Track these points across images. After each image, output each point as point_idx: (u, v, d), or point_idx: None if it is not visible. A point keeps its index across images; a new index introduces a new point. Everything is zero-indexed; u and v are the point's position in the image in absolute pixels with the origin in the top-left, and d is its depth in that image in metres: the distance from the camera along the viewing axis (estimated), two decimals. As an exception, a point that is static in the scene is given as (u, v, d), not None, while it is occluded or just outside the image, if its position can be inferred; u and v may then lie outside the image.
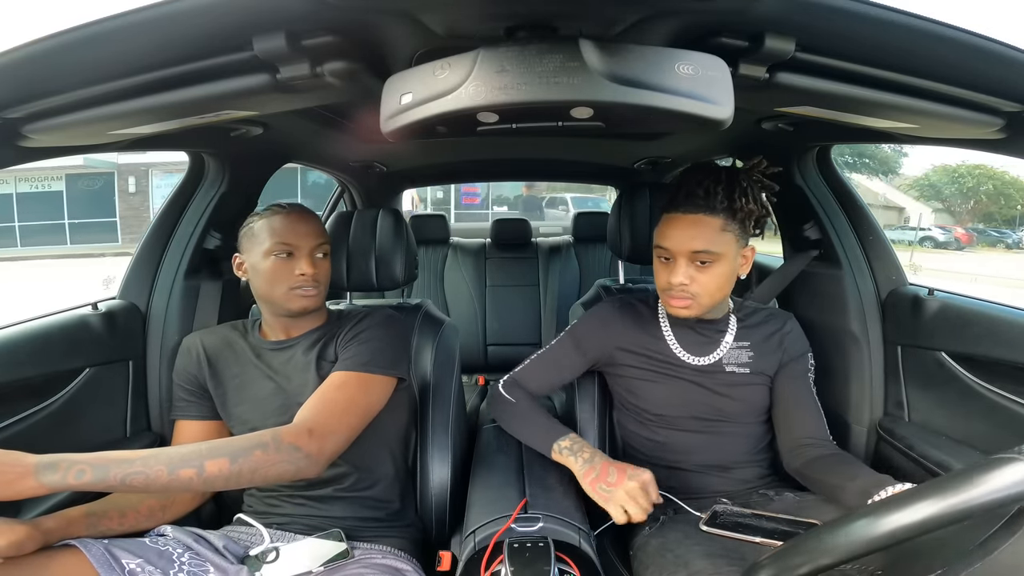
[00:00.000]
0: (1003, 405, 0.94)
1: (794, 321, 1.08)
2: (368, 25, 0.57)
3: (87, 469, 0.68)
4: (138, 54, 0.58)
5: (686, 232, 0.91)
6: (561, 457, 0.94)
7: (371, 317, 1.02)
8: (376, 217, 1.22)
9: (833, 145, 1.23)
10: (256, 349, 1.01)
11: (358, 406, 0.88)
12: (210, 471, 0.72)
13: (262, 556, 0.90)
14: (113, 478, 0.68)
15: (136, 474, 0.69)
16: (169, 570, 0.80)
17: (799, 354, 1.04)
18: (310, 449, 0.78)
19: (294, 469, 0.77)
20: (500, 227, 2.68)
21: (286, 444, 0.77)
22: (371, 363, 0.93)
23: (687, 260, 0.92)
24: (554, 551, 0.72)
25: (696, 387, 1.01)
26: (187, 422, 1.02)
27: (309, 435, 0.79)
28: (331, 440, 0.82)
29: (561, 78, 0.48)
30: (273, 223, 0.96)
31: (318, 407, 0.85)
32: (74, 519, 0.80)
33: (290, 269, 0.95)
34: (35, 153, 0.79)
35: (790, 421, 1.01)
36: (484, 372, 2.40)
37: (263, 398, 0.97)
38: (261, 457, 0.75)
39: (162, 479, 0.70)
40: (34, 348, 0.96)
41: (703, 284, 0.93)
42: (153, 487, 0.70)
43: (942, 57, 0.58)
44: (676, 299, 0.95)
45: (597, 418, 1.15)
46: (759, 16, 0.53)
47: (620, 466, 0.88)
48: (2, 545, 0.68)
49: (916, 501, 0.44)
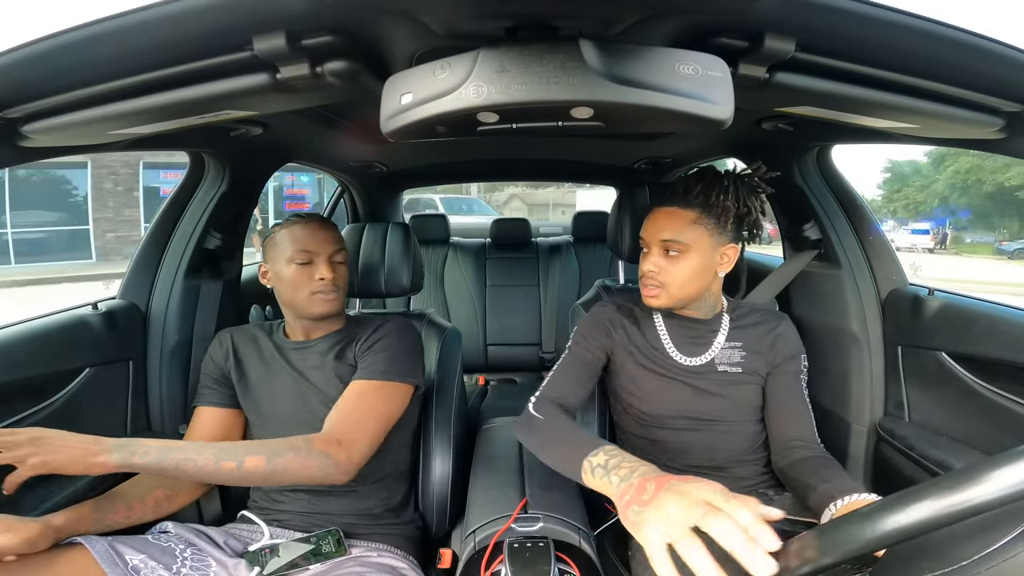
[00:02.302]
0: (1003, 405, 0.93)
1: (788, 323, 1.07)
2: (368, 25, 0.57)
3: (150, 451, 0.76)
4: (138, 54, 0.58)
5: (659, 223, 0.97)
6: (595, 482, 0.70)
7: (387, 326, 1.07)
8: (386, 230, 1.29)
9: (833, 145, 1.23)
10: (279, 347, 1.07)
11: (380, 414, 0.93)
12: (248, 466, 0.79)
13: (261, 552, 0.91)
14: (170, 461, 0.76)
15: (187, 460, 0.77)
16: (172, 565, 0.82)
17: (791, 355, 1.04)
18: (339, 458, 0.83)
19: (322, 475, 0.82)
20: (500, 227, 2.67)
21: (316, 450, 0.82)
22: (389, 371, 0.97)
23: (659, 249, 0.97)
24: (554, 551, 0.72)
25: (689, 387, 1.01)
26: (206, 408, 1.05)
27: (338, 445, 0.85)
28: (357, 449, 0.86)
29: (561, 78, 0.48)
30: (294, 232, 1.02)
31: (342, 416, 0.91)
32: (83, 514, 0.81)
33: (310, 274, 1.01)
34: (35, 153, 0.79)
35: (779, 422, 1.01)
36: (484, 372, 2.40)
37: (282, 391, 1.03)
38: (293, 459, 0.81)
39: (208, 467, 0.77)
40: (34, 348, 0.96)
41: (671, 274, 0.96)
42: (200, 474, 0.78)
43: (942, 57, 0.58)
44: (645, 288, 0.99)
45: (597, 418, 1.15)
46: (759, 16, 0.52)
47: (660, 480, 0.61)
48: (16, 543, 0.70)
49: (918, 500, 0.44)
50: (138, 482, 0.92)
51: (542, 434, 0.87)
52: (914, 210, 20.21)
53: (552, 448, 0.83)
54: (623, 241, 1.26)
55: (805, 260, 1.28)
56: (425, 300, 2.46)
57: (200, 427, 1.04)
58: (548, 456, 0.83)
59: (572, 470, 0.75)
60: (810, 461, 0.94)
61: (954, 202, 20.30)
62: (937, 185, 20.71)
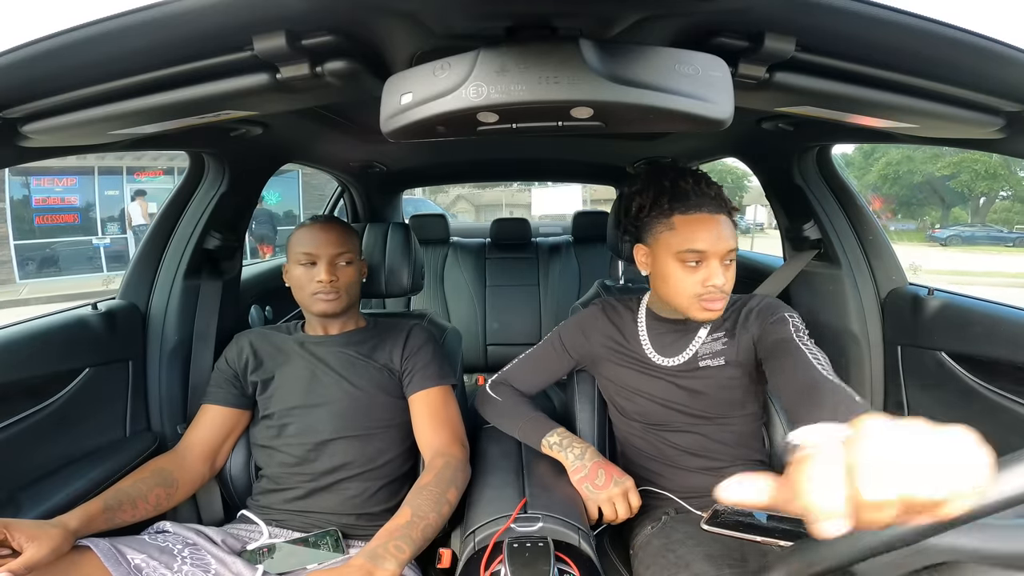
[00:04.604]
0: (1003, 405, 0.94)
1: (761, 296, 1.02)
2: (368, 25, 0.57)
3: (404, 547, 0.78)
4: (138, 54, 0.58)
5: (718, 231, 0.89)
6: (552, 452, 0.98)
7: (417, 333, 1.14)
8: (387, 230, 1.30)
9: (833, 145, 1.23)
10: (299, 340, 1.12)
11: (456, 410, 1.08)
12: (451, 498, 0.90)
13: (259, 551, 0.92)
14: (420, 539, 0.81)
15: (427, 527, 0.83)
16: (172, 564, 0.83)
17: (771, 315, 0.94)
18: (465, 456, 1.01)
19: (464, 475, 0.96)
20: (500, 227, 2.67)
21: (458, 460, 0.97)
22: (441, 375, 1.10)
23: (720, 260, 0.89)
24: (554, 551, 0.72)
25: (673, 387, 1.01)
26: (211, 406, 1.07)
27: (461, 446, 1.02)
28: (466, 442, 1.05)
29: (561, 78, 0.48)
30: (300, 234, 1.07)
31: (442, 424, 1.04)
32: (94, 515, 0.82)
33: (312, 276, 1.05)
34: (35, 153, 0.79)
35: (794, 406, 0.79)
36: (484, 372, 2.40)
37: (298, 377, 1.07)
38: (461, 475, 0.95)
39: (438, 521, 0.85)
40: (34, 348, 0.96)
41: (731, 281, 0.92)
42: (437, 530, 0.85)
43: (942, 57, 0.58)
44: (714, 301, 0.90)
45: (596, 419, 1.15)
46: (759, 16, 0.53)
47: (609, 470, 0.92)
48: (44, 553, 0.70)
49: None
50: (140, 480, 0.92)
51: (500, 413, 1.09)
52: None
53: (511, 423, 1.06)
54: (623, 241, 1.26)
55: (805, 260, 1.28)
56: (425, 300, 2.46)
57: (202, 424, 1.06)
58: (506, 428, 1.07)
59: (531, 440, 1.02)
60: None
61: (885, 192, 21.75)
62: (869, 176, 21.75)
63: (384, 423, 1.06)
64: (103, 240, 10.04)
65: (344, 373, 1.06)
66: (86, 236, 9.92)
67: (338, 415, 1.03)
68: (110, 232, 10.12)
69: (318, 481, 1.00)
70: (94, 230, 10.02)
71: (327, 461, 1.01)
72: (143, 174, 10.33)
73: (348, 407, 1.04)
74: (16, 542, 0.69)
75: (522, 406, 1.07)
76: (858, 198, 1.24)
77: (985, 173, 20.20)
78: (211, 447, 1.05)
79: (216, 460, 1.07)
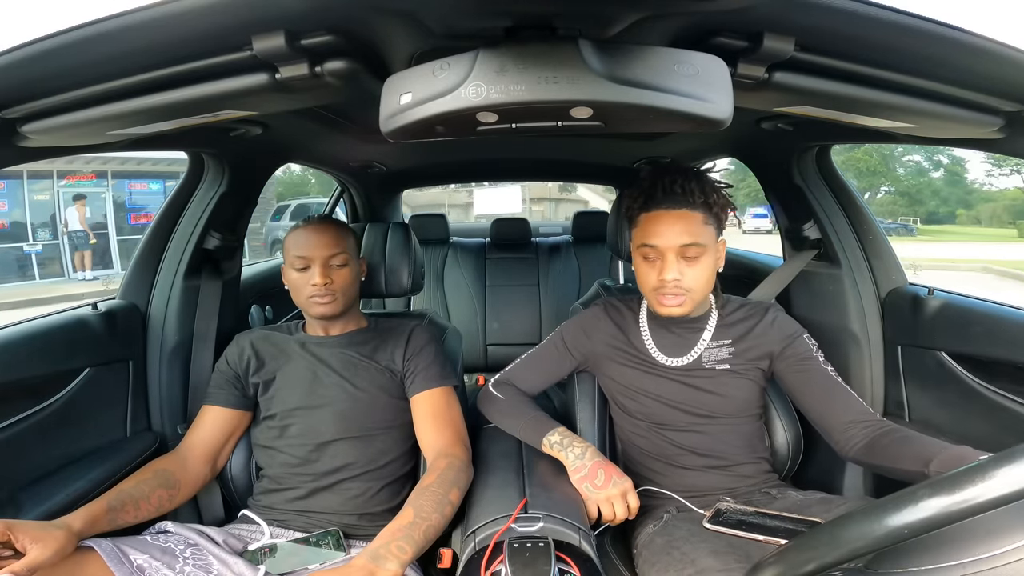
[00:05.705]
0: (1003, 405, 0.93)
1: (777, 309, 1.06)
2: (367, 25, 0.57)
3: (406, 548, 0.77)
4: (138, 54, 0.58)
5: (674, 227, 0.92)
6: (552, 451, 0.97)
7: (418, 334, 1.13)
8: (387, 230, 1.29)
9: (833, 145, 1.23)
10: (300, 341, 1.11)
11: (459, 411, 1.07)
12: (454, 499, 0.89)
13: (261, 551, 0.92)
14: (422, 540, 0.80)
15: (430, 528, 0.82)
16: (174, 564, 0.83)
17: (791, 338, 1.00)
18: (468, 456, 1.00)
19: (467, 476, 0.96)
20: (500, 227, 2.67)
21: (461, 460, 0.97)
22: (443, 376, 1.09)
23: (676, 255, 0.92)
24: (554, 551, 0.72)
25: (679, 385, 1.01)
26: (212, 408, 1.07)
27: (464, 447, 1.01)
28: (468, 442, 1.04)
29: (560, 78, 0.48)
30: (294, 237, 1.05)
31: (445, 425, 1.03)
32: (98, 516, 0.82)
33: (307, 280, 1.04)
34: (34, 153, 0.79)
35: (822, 411, 0.96)
36: (484, 372, 2.39)
37: (300, 378, 1.07)
38: (462, 475, 0.94)
39: (441, 522, 0.85)
40: (34, 348, 0.96)
41: (694, 278, 0.93)
42: (440, 531, 0.85)
43: (942, 57, 0.58)
44: (669, 296, 0.94)
45: (597, 418, 1.15)
46: (758, 16, 0.52)
47: (608, 470, 0.91)
48: (49, 555, 0.70)
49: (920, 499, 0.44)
50: (142, 481, 0.92)
51: (502, 411, 1.08)
52: (754, 197, 21.38)
53: (512, 422, 1.05)
54: (623, 241, 1.26)
55: (805, 260, 1.28)
56: (425, 300, 2.46)
57: (203, 425, 1.06)
58: (507, 427, 1.07)
59: (531, 439, 1.01)
60: (883, 439, 0.87)
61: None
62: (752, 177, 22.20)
63: (386, 424, 1.06)
64: (34, 247, 9.63)
65: (345, 374, 1.06)
66: (16, 243, 9.52)
67: (340, 416, 1.03)
68: (41, 238, 9.72)
69: (320, 481, 1.00)
70: (24, 236, 9.59)
71: (329, 462, 1.01)
72: (74, 177, 9.91)
73: (350, 408, 1.04)
74: (20, 543, 0.69)
75: (524, 405, 1.07)
76: (858, 198, 1.24)
77: (867, 170, 22.73)
78: (212, 448, 1.05)
79: (217, 461, 1.07)
